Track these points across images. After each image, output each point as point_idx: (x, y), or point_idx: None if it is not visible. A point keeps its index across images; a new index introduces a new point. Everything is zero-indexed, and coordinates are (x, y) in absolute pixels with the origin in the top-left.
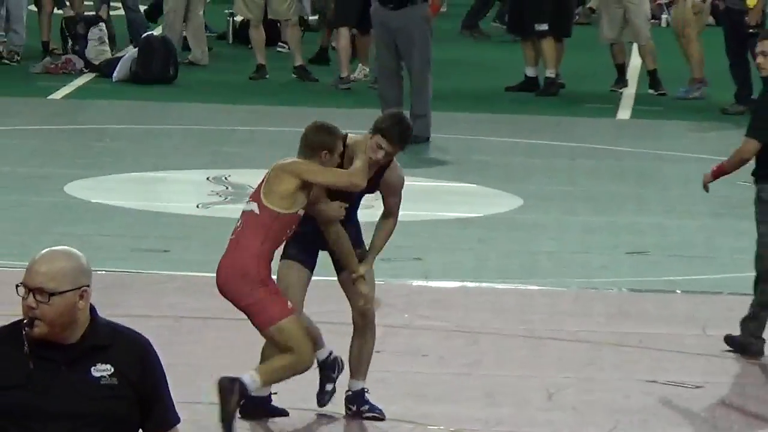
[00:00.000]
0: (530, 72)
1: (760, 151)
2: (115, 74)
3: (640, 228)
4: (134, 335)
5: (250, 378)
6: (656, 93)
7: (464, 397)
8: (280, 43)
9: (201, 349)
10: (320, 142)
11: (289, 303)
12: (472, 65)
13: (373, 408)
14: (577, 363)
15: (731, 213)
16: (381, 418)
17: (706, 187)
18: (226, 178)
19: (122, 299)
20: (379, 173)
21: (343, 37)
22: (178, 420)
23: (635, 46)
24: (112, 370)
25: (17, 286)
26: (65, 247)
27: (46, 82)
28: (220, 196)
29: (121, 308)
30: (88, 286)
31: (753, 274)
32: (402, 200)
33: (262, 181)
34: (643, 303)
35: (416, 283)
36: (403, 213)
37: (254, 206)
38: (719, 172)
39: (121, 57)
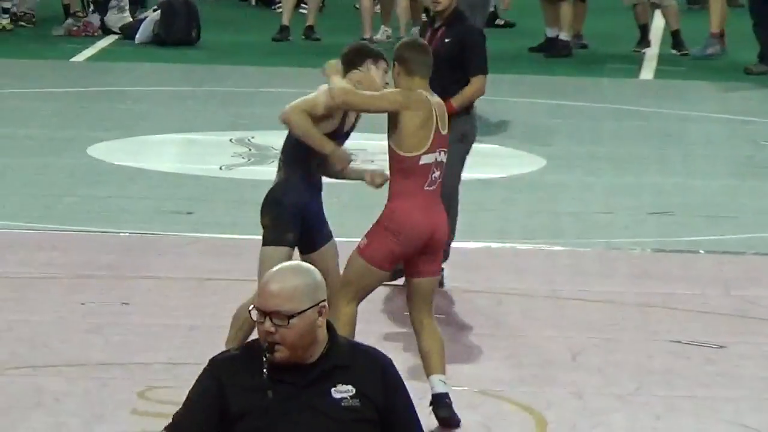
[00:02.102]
0: (550, 33)
1: None
2: (137, 36)
3: (663, 188)
4: (374, 353)
5: (441, 384)
6: (679, 53)
7: (488, 358)
8: (302, 5)
9: (225, 311)
10: None
11: None
12: (493, 26)
13: None
14: (601, 324)
15: (754, 173)
16: None
17: None
18: (249, 140)
19: (146, 261)
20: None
21: None
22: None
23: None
24: (354, 391)
25: (249, 310)
26: (294, 263)
27: (69, 44)
28: (244, 157)
29: (145, 270)
30: (324, 300)
31: None
32: None
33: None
34: (667, 263)
35: None
36: None
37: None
38: None
39: (144, 19)
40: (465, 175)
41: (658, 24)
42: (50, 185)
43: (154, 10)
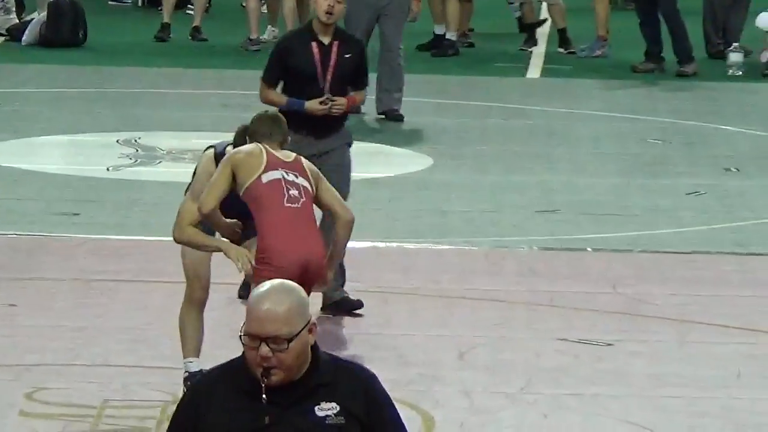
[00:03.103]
0: (438, 30)
1: None
2: (24, 38)
3: (550, 187)
4: (357, 369)
5: None
6: (566, 52)
7: (376, 357)
8: (189, 6)
9: (112, 312)
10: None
11: None
12: None
13: None
14: (489, 322)
15: (641, 171)
16: None
17: None
18: (136, 141)
19: (34, 263)
20: None
21: None
22: None
23: (545, 5)
24: (338, 408)
25: (240, 336)
26: (280, 282)
27: None
28: (130, 158)
29: (32, 271)
30: (311, 317)
31: (663, 231)
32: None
33: (297, 160)
34: (554, 261)
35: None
36: None
37: (307, 183)
38: None
39: (30, 20)
40: (354, 174)
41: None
42: None
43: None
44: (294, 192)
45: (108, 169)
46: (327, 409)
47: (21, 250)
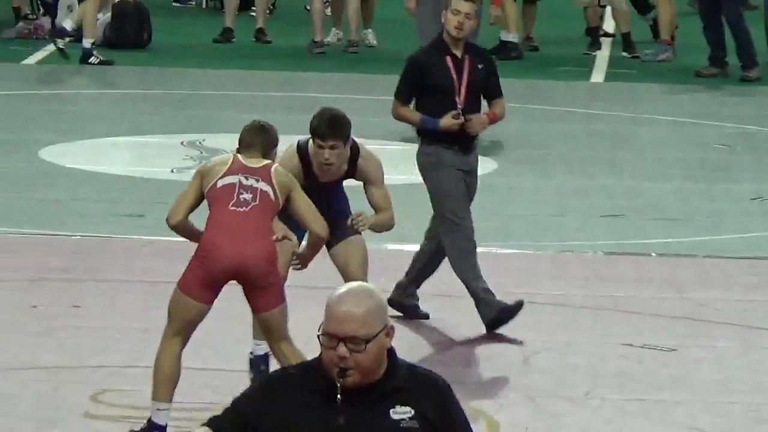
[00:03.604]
0: (504, 36)
1: None
2: None
3: (614, 191)
4: (433, 377)
5: None
6: (629, 56)
7: (440, 361)
8: (252, 8)
9: None
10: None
11: None
12: None
13: None
14: (554, 326)
15: (705, 176)
16: None
17: None
18: (200, 143)
19: (97, 264)
20: (352, 163)
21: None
22: None
23: (609, 10)
24: (412, 412)
25: (318, 335)
26: (360, 284)
27: (20, 47)
28: (194, 160)
29: (96, 273)
30: (390, 321)
31: (727, 236)
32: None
33: (266, 166)
34: (619, 266)
35: (392, 246)
36: None
37: (269, 189)
38: None
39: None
40: (416, 178)
41: (609, 27)
42: (2, 188)
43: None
44: (246, 196)
45: (172, 171)
46: (402, 412)
47: (86, 252)
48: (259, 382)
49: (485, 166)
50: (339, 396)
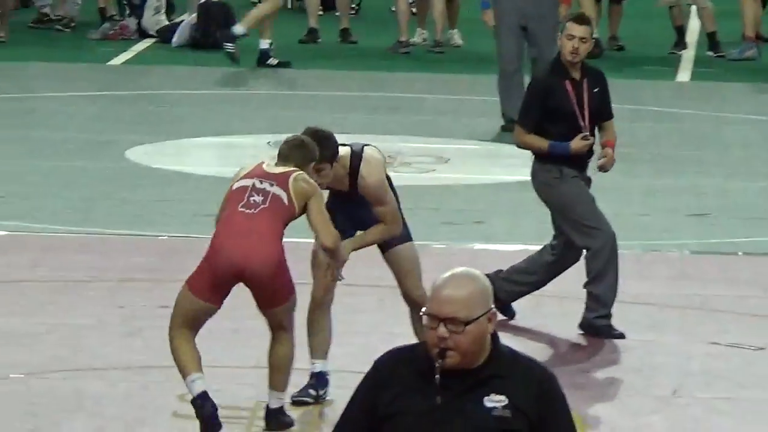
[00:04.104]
0: None
1: None
2: (174, 40)
3: (701, 190)
4: (535, 366)
5: (279, 402)
6: (715, 55)
7: None
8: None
9: None
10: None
11: None
12: None
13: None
14: (640, 325)
15: None
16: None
17: None
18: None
19: (185, 265)
20: (353, 177)
21: (402, 0)
22: None
23: (694, 9)
24: (507, 401)
25: (422, 314)
26: (465, 269)
27: (105, 48)
28: None
29: (184, 273)
30: (493, 307)
31: None
32: (389, 203)
33: (287, 173)
34: (705, 265)
35: (478, 246)
36: (465, 177)
37: (282, 193)
38: None
39: (181, 22)
40: (504, 177)
41: (694, 26)
42: (88, 189)
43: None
44: (256, 198)
45: None
46: (496, 401)
47: (173, 252)
48: (369, 371)
49: None
50: (437, 377)
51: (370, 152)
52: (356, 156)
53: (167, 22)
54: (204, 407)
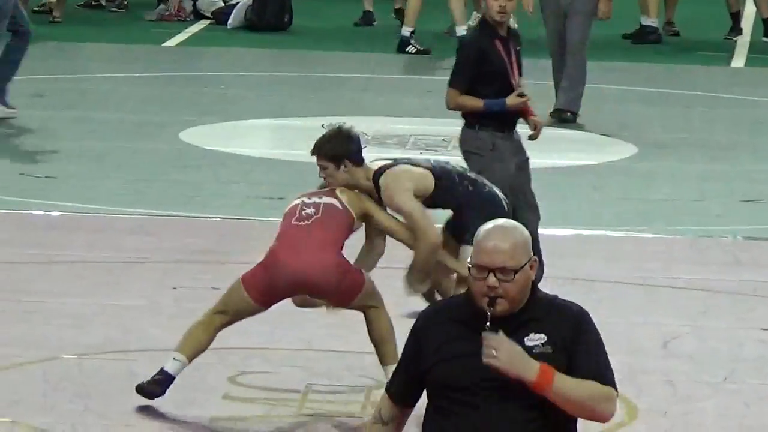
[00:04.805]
0: (644, 20)
1: None
2: (230, 21)
3: (755, 176)
4: (570, 305)
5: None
6: None
7: None
8: None
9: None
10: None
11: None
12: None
13: None
14: (692, 311)
15: None
16: None
17: None
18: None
19: (238, 246)
20: (378, 193)
21: None
22: (612, 383)
23: None
24: (546, 339)
25: (469, 267)
26: (506, 221)
27: (161, 29)
28: None
29: (237, 256)
30: (531, 254)
31: None
32: (411, 214)
33: (332, 189)
34: (759, 251)
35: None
36: None
37: (333, 201)
38: None
39: (236, 4)
40: (556, 161)
41: (749, 11)
42: (142, 170)
43: None
44: (308, 211)
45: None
46: (536, 339)
47: (227, 234)
48: (415, 323)
49: (625, 150)
50: (488, 324)
51: (400, 167)
52: (385, 167)
53: (222, 4)
54: (157, 383)
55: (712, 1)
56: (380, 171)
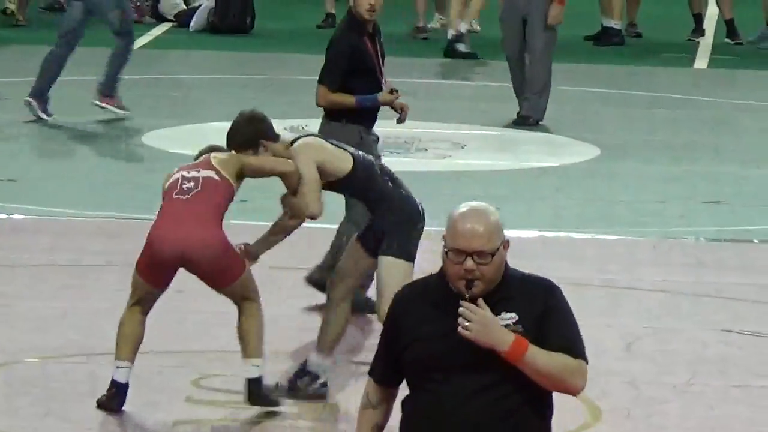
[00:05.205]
0: (606, 22)
1: None
2: (192, 24)
3: (717, 177)
4: (539, 280)
5: (256, 369)
6: (733, 42)
7: None
8: None
9: (279, 298)
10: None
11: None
12: None
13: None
14: (655, 312)
15: None
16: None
17: None
18: (303, 128)
19: None
20: None
21: None
22: (582, 356)
23: None
24: (517, 317)
25: (446, 251)
26: (478, 203)
27: None
28: None
29: None
30: (504, 236)
31: None
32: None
33: (206, 158)
34: (721, 252)
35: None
36: (481, 163)
37: (210, 173)
38: None
39: (198, 6)
40: (519, 163)
41: (712, 12)
42: (105, 173)
43: None
44: (188, 185)
45: None
46: (507, 318)
47: None
48: (389, 309)
49: (587, 151)
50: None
51: (317, 140)
52: (302, 136)
53: (185, 7)
54: (112, 398)
55: (674, 3)
56: (296, 139)
